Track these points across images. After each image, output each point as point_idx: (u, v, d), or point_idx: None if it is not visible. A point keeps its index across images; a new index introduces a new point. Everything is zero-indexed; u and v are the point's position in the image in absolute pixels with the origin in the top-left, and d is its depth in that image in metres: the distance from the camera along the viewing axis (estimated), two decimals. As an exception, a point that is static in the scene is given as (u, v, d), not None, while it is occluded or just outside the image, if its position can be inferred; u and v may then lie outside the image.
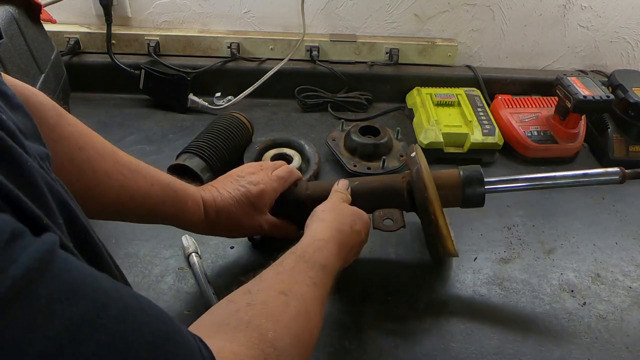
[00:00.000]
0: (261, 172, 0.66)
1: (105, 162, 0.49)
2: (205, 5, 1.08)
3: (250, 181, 0.64)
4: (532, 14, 1.11)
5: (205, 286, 0.67)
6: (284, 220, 0.69)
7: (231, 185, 0.63)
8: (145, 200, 0.53)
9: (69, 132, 0.47)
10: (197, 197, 0.59)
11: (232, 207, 0.61)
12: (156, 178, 0.54)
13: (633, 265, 0.76)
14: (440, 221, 0.64)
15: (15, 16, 0.71)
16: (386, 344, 0.63)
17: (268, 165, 0.69)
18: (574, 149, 0.99)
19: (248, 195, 0.62)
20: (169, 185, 0.56)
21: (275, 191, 0.65)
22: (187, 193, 0.58)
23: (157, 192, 0.54)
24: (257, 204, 0.63)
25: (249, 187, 0.63)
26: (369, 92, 1.11)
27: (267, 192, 0.64)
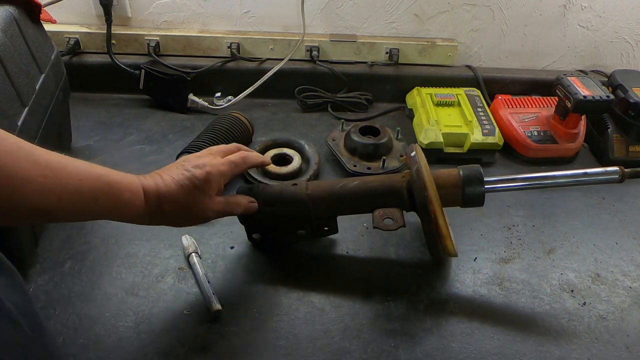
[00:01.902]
0: (208, 156, 0.63)
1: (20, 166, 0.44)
2: (205, 5, 1.08)
3: (196, 164, 0.61)
4: (532, 14, 1.11)
5: (205, 286, 0.67)
6: (235, 195, 0.67)
7: (175, 171, 0.60)
8: (75, 200, 0.49)
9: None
10: (135, 186, 0.56)
11: (176, 192, 0.58)
12: (85, 173, 0.50)
13: (633, 265, 0.76)
14: (440, 221, 0.63)
15: (15, 16, 0.71)
16: (386, 344, 0.63)
17: (218, 149, 0.66)
18: (574, 149, 0.99)
19: (192, 179, 0.59)
20: (100, 178, 0.52)
21: (222, 175, 0.62)
22: (123, 184, 0.54)
23: (87, 189, 0.50)
24: (203, 187, 0.60)
25: (193, 171, 0.60)
26: (369, 92, 1.11)
27: (213, 174, 0.61)
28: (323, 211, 0.70)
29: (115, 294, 0.66)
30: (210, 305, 0.65)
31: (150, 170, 0.86)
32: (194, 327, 0.63)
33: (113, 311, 0.64)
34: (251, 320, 0.64)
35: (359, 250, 0.76)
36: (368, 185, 0.69)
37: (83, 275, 0.68)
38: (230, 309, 0.65)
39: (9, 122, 0.64)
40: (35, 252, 0.71)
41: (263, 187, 0.72)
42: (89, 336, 0.61)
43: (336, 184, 0.71)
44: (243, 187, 0.72)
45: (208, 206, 0.62)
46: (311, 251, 0.75)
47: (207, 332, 0.63)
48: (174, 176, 0.59)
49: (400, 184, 0.68)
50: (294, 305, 0.67)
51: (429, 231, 0.66)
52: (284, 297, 0.68)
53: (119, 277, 0.69)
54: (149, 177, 0.58)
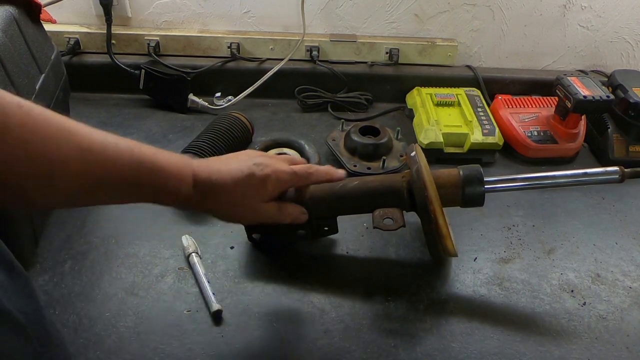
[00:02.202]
0: (273, 159, 0.61)
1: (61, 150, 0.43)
2: (205, 5, 1.08)
3: (257, 163, 0.58)
4: (532, 14, 1.11)
5: (205, 286, 0.67)
6: (288, 204, 0.64)
7: (235, 163, 0.57)
8: (115, 185, 0.48)
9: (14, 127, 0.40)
10: (183, 174, 0.53)
11: (228, 187, 0.56)
12: (128, 158, 0.48)
13: (633, 265, 0.76)
14: (440, 221, 0.63)
15: (15, 16, 0.71)
16: (386, 344, 0.63)
17: (284, 157, 0.64)
18: (574, 149, 0.99)
19: (250, 177, 0.56)
20: (143, 164, 0.49)
21: (280, 182, 0.60)
22: (169, 171, 0.52)
23: (129, 175, 0.48)
24: (257, 188, 0.57)
25: (253, 169, 0.57)
26: (369, 92, 1.11)
27: (272, 178, 0.58)
28: (323, 211, 0.70)
29: (115, 294, 0.66)
30: (210, 305, 0.65)
31: (150, 170, 0.87)
32: (194, 327, 0.63)
33: (113, 311, 0.64)
34: (251, 320, 0.64)
35: (359, 250, 0.76)
36: (368, 185, 0.69)
37: (83, 275, 0.68)
38: (230, 309, 0.65)
39: (9, 122, 0.64)
40: (35, 252, 0.71)
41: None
42: (89, 336, 0.61)
43: (336, 184, 0.71)
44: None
45: (258, 209, 0.59)
46: (311, 251, 0.75)
47: (207, 332, 0.63)
48: (231, 169, 0.56)
49: (400, 184, 0.68)
50: (294, 305, 0.67)
51: (429, 231, 0.66)
52: (284, 297, 0.68)
53: (119, 277, 0.69)
54: (204, 164, 0.56)
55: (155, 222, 0.77)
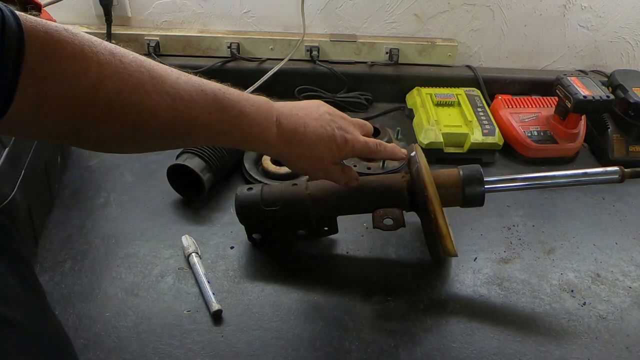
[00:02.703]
0: (352, 126, 0.63)
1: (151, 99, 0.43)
2: (205, 5, 1.08)
3: (340, 127, 0.60)
4: (532, 14, 1.11)
5: (205, 286, 0.67)
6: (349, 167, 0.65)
7: (317, 119, 0.59)
8: (203, 132, 0.48)
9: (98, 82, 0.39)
10: (268, 120, 0.54)
11: (311, 142, 0.57)
12: (215, 105, 0.49)
13: (633, 265, 0.76)
14: (440, 220, 0.63)
15: (15, 16, 0.71)
16: (386, 344, 0.63)
17: (362, 123, 0.66)
18: (574, 149, 0.99)
19: (332, 139, 0.59)
20: (229, 110, 0.50)
21: (354, 151, 0.62)
22: (254, 118, 0.52)
23: (216, 122, 0.49)
24: (334, 150, 0.59)
25: (336, 132, 0.59)
26: (369, 92, 1.11)
27: (349, 145, 0.60)
28: (323, 211, 0.70)
29: (115, 294, 0.66)
30: (210, 305, 0.65)
31: (150, 169, 0.87)
32: (194, 327, 0.63)
33: (113, 311, 0.64)
34: (251, 320, 0.64)
35: (359, 250, 0.76)
36: (368, 185, 0.69)
37: (83, 275, 0.68)
38: (230, 309, 0.65)
39: (9, 122, 0.64)
40: (35, 252, 0.71)
41: (263, 187, 0.72)
42: (89, 336, 0.61)
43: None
44: (242, 189, 0.72)
45: (327, 168, 0.61)
46: (311, 251, 0.75)
47: (207, 332, 0.63)
48: (317, 127, 0.58)
49: (400, 184, 0.68)
50: (294, 305, 0.67)
51: (429, 231, 0.66)
52: (284, 297, 0.68)
53: (119, 277, 0.69)
54: (287, 112, 0.57)
55: (155, 222, 0.77)
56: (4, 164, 0.61)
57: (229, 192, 0.84)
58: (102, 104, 0.40)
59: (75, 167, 0.87)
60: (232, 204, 0.77)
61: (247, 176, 0.86)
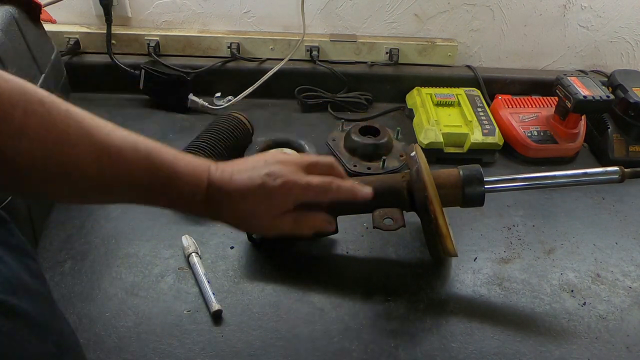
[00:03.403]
0: (291, 167, 0.56)
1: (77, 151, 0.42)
2: (205, 5, 1.08)
3: (271, 172, 0.54)
4: (532, 14, 1.11)
5: (205, 286, 0.67)
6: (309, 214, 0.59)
7: (249, 171, 0.54)
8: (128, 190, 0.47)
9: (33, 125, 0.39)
10: (200, 181, 0.51)
11: (239, 198, 0.53)
12: (145, 162, 0.47)
13: (633, 265, 0.76)
14: (440, 220, 0.64)
15: (15, 16, 0.71)
16: (386, 344, 0.63)
17: (308, 161, 0.58)
18: (574, 149, 0.99)
19: (262, 188, 0.53)
20: (161, 169, 0.48)
21: (293, 196, 0.55)
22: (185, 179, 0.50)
23: (144, 179, 0.47)
24: (269, 201, 0.54)
25: (266, 180, 0.53)
26: (369, 92, 1.11)
27: (282, 192, 0.54)
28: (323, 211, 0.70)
29: (115, 294, 0.66)
30: (210, 305, 0.65)
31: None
32: (194, 327, 0.63)
33: (113, 311, 0.64)
34: (251, 320, 0.64)
35: (359, 250, 0.76)
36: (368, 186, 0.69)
37: (83, 275, 0.68)
38: (230, 309, 0.65)
39: (9, 122, 0.64)
40: (36, 252, 0.71)
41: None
42: (89, 336, 0.61)
43: (336, 184, 0.70)
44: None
45: (271, 222, 0.56)
46: (311, 251, 0.75)
47: (207, 332, 0.63)
48: (244, 179, 0.53)
49: (401, 183, 0.68)
50: (294, 305, 0.67)
51: (429, 231, 0.66)
52: (284, 297, 0.68)
53: (119, 277, 0.69)
54: (220, 171, 0.53)
55: (155, 222, 0.77)
56: (4, 164, 0.61)
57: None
58: (25, 152, 0.39)
59: (75, 167, 0.87)
60: (232, 204, 0.77)
61: (247, 176, 0.86)
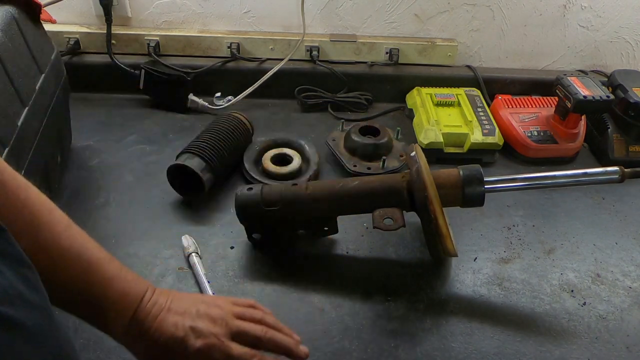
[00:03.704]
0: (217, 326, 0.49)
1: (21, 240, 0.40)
2: (205, 5, 1.08)
3: (196, 330, 0.48)
4: (532, 14, 1.11)
5: (205, 286, 0.67)
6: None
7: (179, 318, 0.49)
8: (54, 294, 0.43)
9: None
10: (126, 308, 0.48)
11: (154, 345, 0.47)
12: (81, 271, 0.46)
13: (633, 265, 0.76)
14: (440, 220, 0.63)
15: (15, 16, 0.71)
16: (386, 344, 0.63)
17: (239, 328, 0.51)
18: (574, 149, 0.99)
19: (180, 344, 0.47)
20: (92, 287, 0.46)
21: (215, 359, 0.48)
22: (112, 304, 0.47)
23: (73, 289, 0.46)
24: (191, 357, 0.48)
25: (188, 336, 0.48)
26: (369, 92, 1.11)
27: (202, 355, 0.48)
28: (323, 211, 0.70)
29: (115, 294, 0.66)
30: (210, 305, 0.65)
31: (150, 169, 0.87)
32: (194, 327, 0.63)
33: (113, 311, 0.64)
34: (251, 320, 0.64)
35: (359, 250, 0.76)
36: (368, 185, 0.69)
37: (83, 275, 0.68)
38: (230, 309, 0.65)
39: (9, 122, 0.64)
40: (35, 252, 0.70)
41: (263, 187, 0.72)
42: (89, 336, 0.61)
43: (336, 184, 0.71)
44: (242, 189, 0.72)
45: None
46: (311, 251, 0.75)
47: (207, 332, 0.62)
48: (170, 325, 0.48)
49: (400, 184, 0.68)
50: (294, 305, 0.67)
51: (429, 231, 0.66)
52: (284, 297, 0.68)
53: (119, 277, 0.69)
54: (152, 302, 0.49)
55: (155, 222, 0.77)
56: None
57: (229, 192, 0.84)
58: None
59: (75, 167, 0.87)
60: (232, 204, 0.77)
61: (247, 176, 0.86)
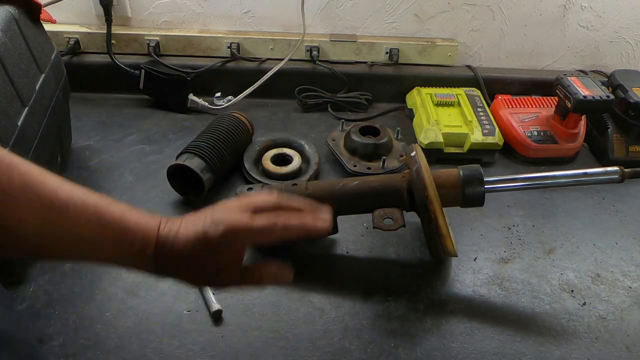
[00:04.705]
0: (234, 212, 0.50)
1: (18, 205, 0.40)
2: (205, 5, 1.08)
3: (213, 220, 0.49)
4: (532, 14, 1.11)
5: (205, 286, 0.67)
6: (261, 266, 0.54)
7: (193, 223, 0.50)
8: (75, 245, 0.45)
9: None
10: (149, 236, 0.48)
11: (182, 251, 0.48)
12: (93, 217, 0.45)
13: (633, 265, 0.76)
14: (440, 220, 0.63)
15: (15, 16, 0.71)
16: (386, 344, 0.63)
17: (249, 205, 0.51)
18: (574, 149, 0.99)
19: (204, 238, 0.48)
20: (109, 224, 0.46)
21: (240, 240, 0.50)
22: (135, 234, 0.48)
23: (92, 234, 0.45)
24: (213, 249, 0.49)
25: (207, 228, 0.48)
26: (369, 92, 1.11)
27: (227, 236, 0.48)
28: (323, 211, 0.70)
29: (115, 294, 0.66)
30: (210, 305, 0.65)
31: (150, 169, 0.87)
32: (194, 327, 0.63)
33: (113, 311, 0.64)
34: (251, 320, 0.64)
35: (359, 250, 0.76)
36: (368, 185, 0.69)
37: (83, 275, 0.68)
38: (230, 309, 0.65)
39: (9, 122, 0.64)
40: None
41: (263, 187, 0.72)
42: (89, 336, 0.61)
43: (336, 184, 0.71)
44: (242, 189, 0.72)
45: (219, 274, 0.51)
46: (311, 251, 0.75)
47: (207, 332, 0.63)
48: (190, 231, 0.49)
49: (400, 184, 0.68)
50: (294, 305, 0.67)
51: (429, 231, 0.66)
52: (284, 297, 0.68)
53: (119, 277, 0.69)
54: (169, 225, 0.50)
55: (155, 222, 0.77)
56: (4, 164, 0.61)
57: (229, 192, 0.84)
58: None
59: (75, 167, 0.87)
60: (232, 204, 0.77)
61: (247, 176, 0.86)
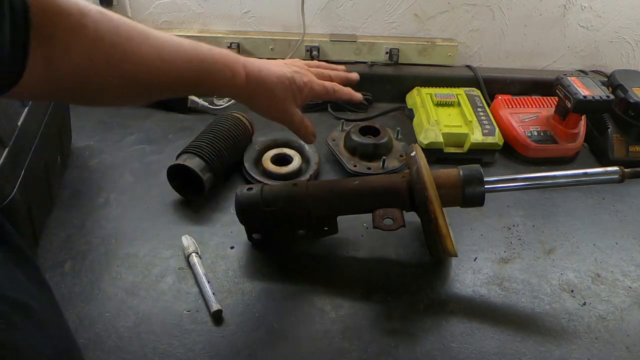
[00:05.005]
0: (308, 71, 0.68)
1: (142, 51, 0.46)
2: (205, 5, 1.08)
3: (298, 71, 0.65)
4: (532, 14, 1.11)
5: (205, 286, 0.67)
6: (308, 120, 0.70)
7: (276, 67, 0.64)
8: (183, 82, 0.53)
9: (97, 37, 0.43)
10: (237, 67, 0.58)
11: (274, 85, 0.62)
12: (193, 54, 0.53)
13: (633, 265, 0.76)
14: (440, 220, 0.64)
15: (15, 16, 0.71)
16: (386, 344, 0.63)
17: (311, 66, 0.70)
18: (574, 149, 0.99)
19: (291, 81, 0.63)
20: (204, 61, 0.54)
21: (313, 93, 0.66)
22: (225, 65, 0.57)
23: (195, 70, 0.53)
24: (295, 92, 0.64)
25: (295, 75, 0.64)
26: (369, 92, 1.10)
27: (308, 87, 0.65)
28: (323, 211, 0.70)
29: (115, 294, 0.66)
30: (210, 305, 0.65)
31: (150, 169, 0.87)
32: (194, 327, 0.63)
33: (113, 311, 0.64)
34: (251, 320, 0.64)
35: (359, 250, 0.76)
36: (368, 185, 0.69)
37: (83, 275, 0.68)
38: (230, 309, 0.65)
39: (9, 122, 0.64)
40: (35, 252, 0.71)
41: (263, 187, 0.72)
42: (89, 336, 0.61)
43: (336, 184, 0.71)
44: (242, 189, 0.72)
45: (289, 110, 0.65)
46: (311, 251, 0.75)
47: (207, 332, 0.63)
48: (277, 70, 0.62)
49: (400, 184, 0.68)
50: (294, 305, 0.67)
51: (429, 231, 0.66)
52: (284, 297, 0.68)
53: (119, 277, 0.69)
54: (251, 61, 0.61)
55: (155, 222, 0.77)
56: (4, 164, 0.61)
57: (229, 192, 0.84)
58: (102, 57, 0.43)
59: (75, 167, 0.87)
60: (232, 204, 0.77)
61: (247, 176, 0.86)
